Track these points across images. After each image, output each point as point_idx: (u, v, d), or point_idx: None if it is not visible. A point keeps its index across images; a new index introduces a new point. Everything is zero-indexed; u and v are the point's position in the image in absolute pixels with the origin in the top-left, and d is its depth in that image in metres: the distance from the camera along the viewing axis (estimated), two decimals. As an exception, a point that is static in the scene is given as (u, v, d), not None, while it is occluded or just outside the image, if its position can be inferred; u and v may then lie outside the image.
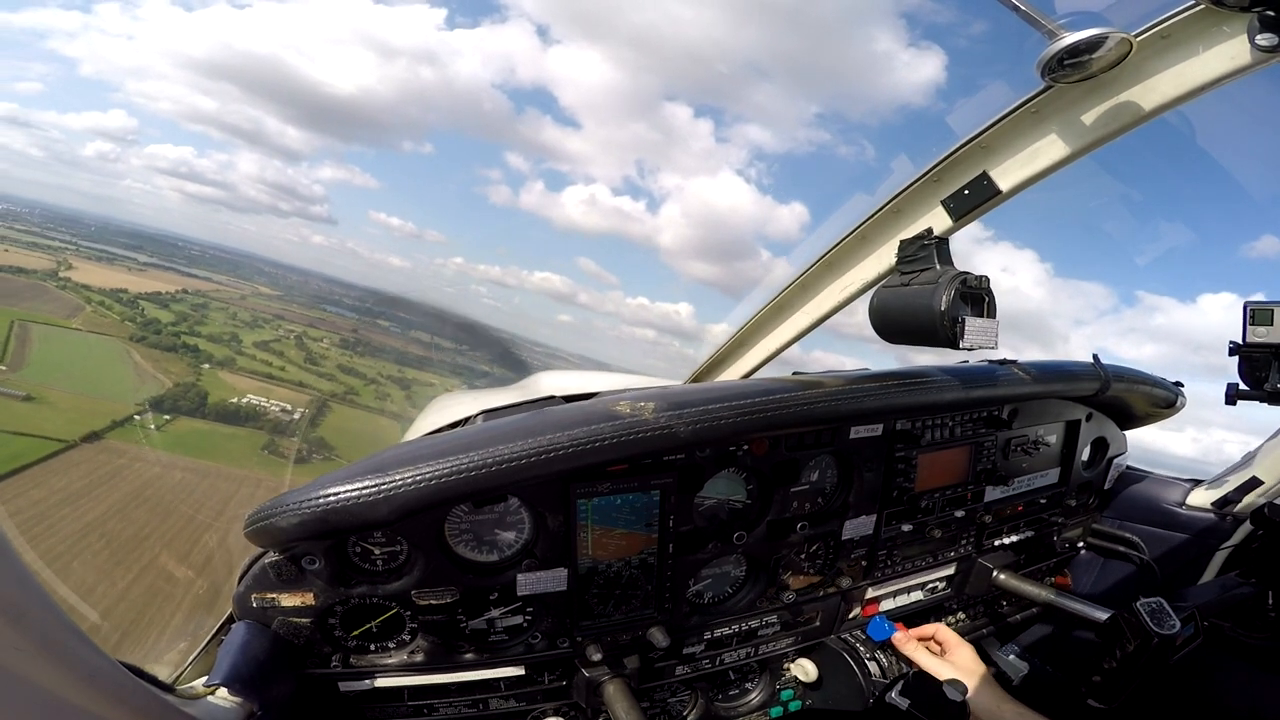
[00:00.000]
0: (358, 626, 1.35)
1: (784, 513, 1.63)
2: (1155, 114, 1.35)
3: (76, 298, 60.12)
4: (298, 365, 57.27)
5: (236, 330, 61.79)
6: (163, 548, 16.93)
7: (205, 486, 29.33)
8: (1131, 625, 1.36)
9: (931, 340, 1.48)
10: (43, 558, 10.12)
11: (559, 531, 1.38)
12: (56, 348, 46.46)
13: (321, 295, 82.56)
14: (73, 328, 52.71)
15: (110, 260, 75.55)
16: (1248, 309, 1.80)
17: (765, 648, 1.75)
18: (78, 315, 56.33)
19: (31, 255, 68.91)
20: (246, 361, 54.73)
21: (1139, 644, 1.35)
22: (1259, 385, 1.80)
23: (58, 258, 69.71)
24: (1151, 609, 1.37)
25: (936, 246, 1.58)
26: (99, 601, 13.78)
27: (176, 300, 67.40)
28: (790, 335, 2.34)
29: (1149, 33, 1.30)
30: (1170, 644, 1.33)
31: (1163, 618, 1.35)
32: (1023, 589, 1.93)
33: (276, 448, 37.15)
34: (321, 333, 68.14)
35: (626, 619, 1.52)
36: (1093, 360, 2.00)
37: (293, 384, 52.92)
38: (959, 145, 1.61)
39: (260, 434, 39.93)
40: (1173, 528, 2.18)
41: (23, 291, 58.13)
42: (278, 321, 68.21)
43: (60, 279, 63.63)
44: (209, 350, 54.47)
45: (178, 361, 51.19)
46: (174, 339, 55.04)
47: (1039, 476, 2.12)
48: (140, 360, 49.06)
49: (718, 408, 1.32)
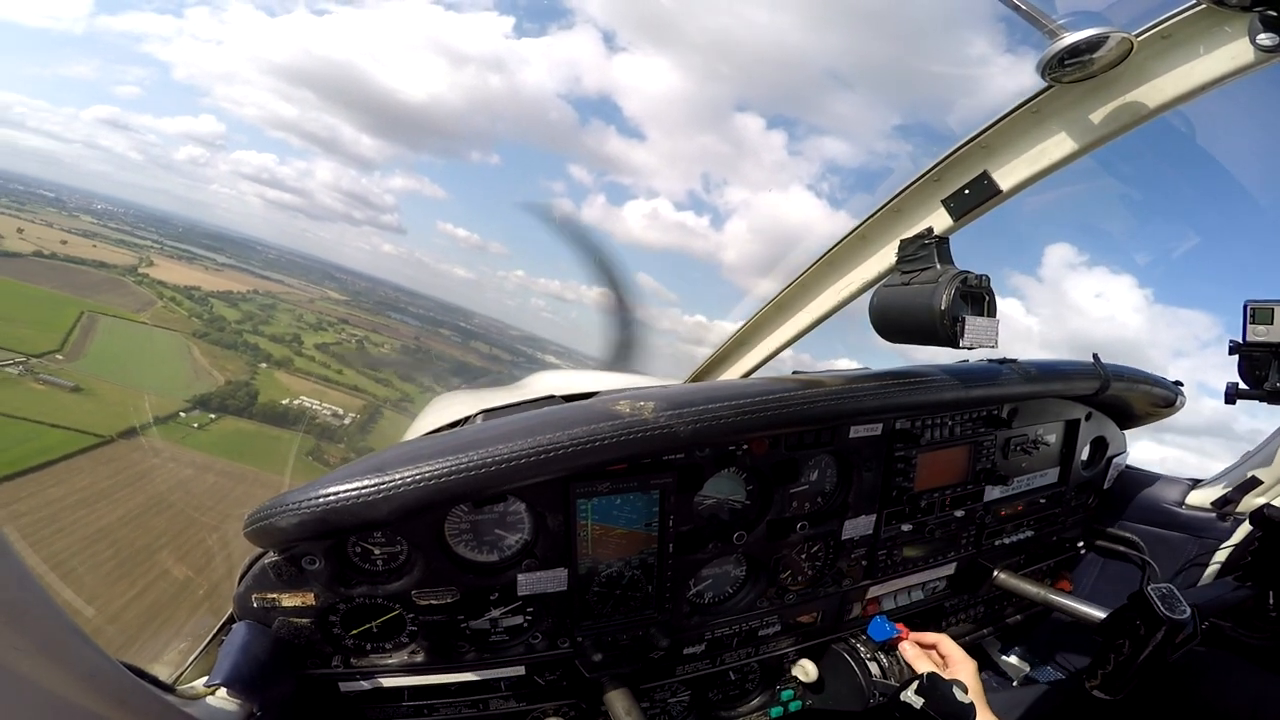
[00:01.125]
0: (358, 627, 1.35)
1: (784, 512, 1.63)
2: (1156, 113, 1.35)
3: (150, 292, 60.95)
4: (356, 369, 57.62)
5: (300, 331, 62.36)
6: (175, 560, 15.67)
7: (239, 493, 28.49)
8: (1143, 611, 1.36)
9: (931, 339, 1.48)
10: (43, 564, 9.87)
11: (559, 531, 1.38)
12: (118, 340, 46.59)
13: (387, 302, 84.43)
14: (140, 321, 53.22)
15: (190, 259, 76.98)
16: (1247, 308, 1.80)
17: (765, 648, 1.75)
18: (148, 309, 56.97)
19: (118, 251, 70.09)
20: (304, 363, 54.96)
21: (1150, 629, 1.34)
22: (1259, 384, 1.80)
23: (141, 255, 71.10)
24: (1162, 594, 1.36)
25: (937, 246, 1.58)
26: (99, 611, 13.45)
27: (246, 300, 68.09)
28: (790, 335, 2.34)
29: (1150, 32, 1.29)
30: (1181, 629, 1.33)
31: (1174, 603, 1.35)
32: (1022, 589, 1.93)
33: (321, 453, 36.56)
34: (384, 338, 68.87)
35: (627, 619, 1.52)
36: (1092, 359, 2.00)
37: (348, 388, 53.04)
38: (959, 145, 1.61)
39: (307, 438, 39.48)
40: (1172, 527, 2.18)
41: (101, 285, 58.82)
42: (341, 325, 69.00)
43: (139, 275, 64.72)
44: (269, 349, 54.66)
45: (236, 359, 51.24)
46: (236, 337, 55.30)
47: (1038, 476, 2.12)
48: (199, 356, 49.07)
49: (717, 407, 1.32)
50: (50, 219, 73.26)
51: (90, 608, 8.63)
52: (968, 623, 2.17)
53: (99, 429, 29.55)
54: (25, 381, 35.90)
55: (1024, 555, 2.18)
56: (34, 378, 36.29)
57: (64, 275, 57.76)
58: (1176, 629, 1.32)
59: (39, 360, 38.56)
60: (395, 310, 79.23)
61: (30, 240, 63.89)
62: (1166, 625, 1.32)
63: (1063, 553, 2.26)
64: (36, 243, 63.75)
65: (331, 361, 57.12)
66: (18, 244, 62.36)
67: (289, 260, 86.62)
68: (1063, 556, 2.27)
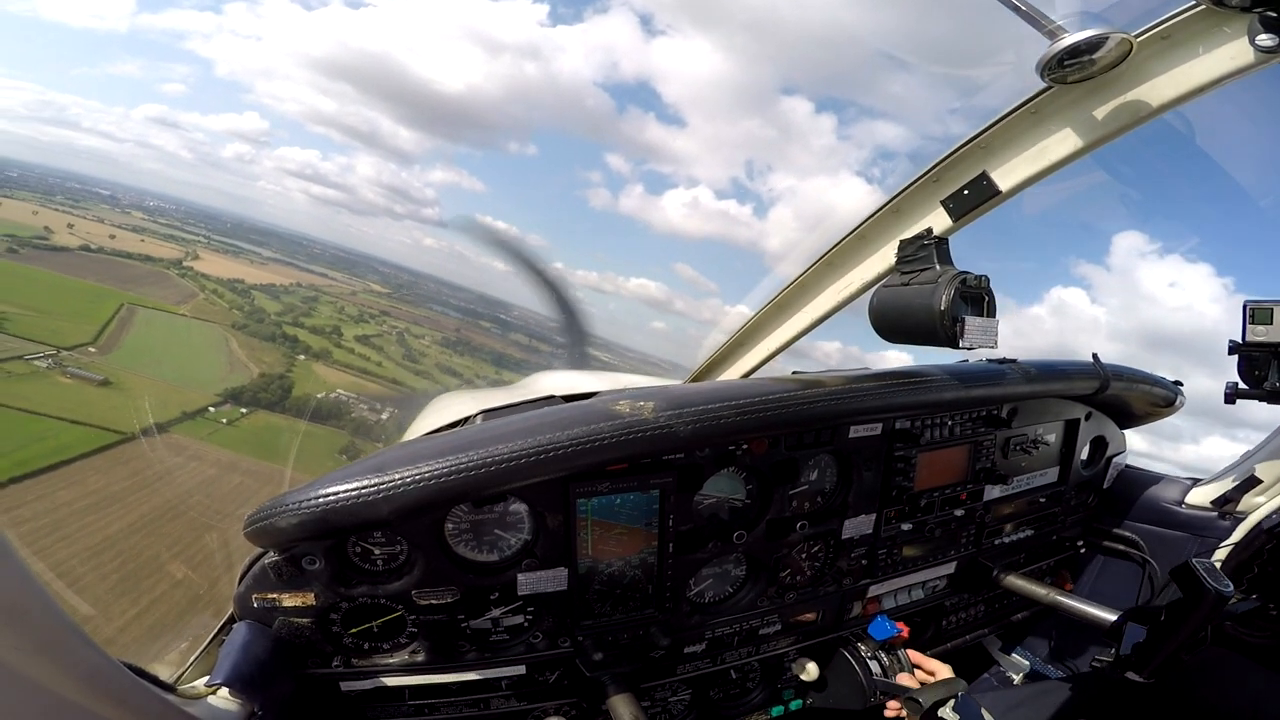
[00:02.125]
0: (358, 626, 1.35)
1: (784, 512, 1.63)
2: (1156, 114, 1.35)
3: (193, 285, 60.74)
4: (395, 361, 56.95)
5: (340, 323, 61.89)
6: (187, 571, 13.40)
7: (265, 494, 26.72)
8: (1188, 583, 1.35)
9: (931, 340, 1.48)
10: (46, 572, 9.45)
11: (559, 531, 1.38)
12: (155, 332, 46.05)
13: (429, 295, 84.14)
14: (179, 313, 52.76)
15: (236, 253, 77.05)
16: (1247, 308, 1.80)
17: (766, 647, 1.75)
18: (189, 301, 56.61)
19: (165, 245, 70.19)
20: (344, 355, 54.36)
21: (1193, 602, 1.33)
22: (1258, 384, 1.81)
23: (188, 249, 71.21)
24: (1207, 568, 1.35)
25: (936, 246, 1.58)
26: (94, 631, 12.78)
27: (288, 292, 67.84)
28: (790, 335, 2.34)
29: (1149, 33, 1.29)
30: (1225, 602, 1.31)
31: (1219, 576, 1.34)
32: (1022, 587, 1.93)
33: (356, 451, 34.95)
34: (424, 330, 68.19)
35: (627, 618, 1.52)
36: (1092, 359, 2.00)
37: (387, 380, 52.25)
38: (959, 145, 1.61)
39: (341, 435, 36.59)
40: (1172, 526, 2.18)
41: (145, 278, 58.66)
42: (383, 317, 68.51)
43: (184, 268, 64.67)
44: (308, 341, 54.17)
45: (274, 351, 50.67)
46: (275, 329, 54.82)
47: (1038, 475, 2.12)
48: (236, 348, 48.35)
49: (717, 407, 1.32)
50: (102, 215, 73.69)
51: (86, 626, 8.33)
52: (968, 622, 2.17)
53: (122, 425, 28.20)
54: (52, 375, 35.20)
55: (1024, 554, 2.18)
56: (61, 371, 35.58)
57: (108, 268, 57.77)
58: (1223, 600, 1.31)
59: (70, 353, 37.95)
60: (437, 303, 78.94)
61: (79, 235, 64.05)
62: (1214, 597, 1.31)
63: (1063, 552, 2.26)
64: (85, 237, 63.86)
65: (371, 353, 56.49)
66: (66, 239, 62.46)
67: (333, 254, 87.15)
68: (1063, 555, 2.28)
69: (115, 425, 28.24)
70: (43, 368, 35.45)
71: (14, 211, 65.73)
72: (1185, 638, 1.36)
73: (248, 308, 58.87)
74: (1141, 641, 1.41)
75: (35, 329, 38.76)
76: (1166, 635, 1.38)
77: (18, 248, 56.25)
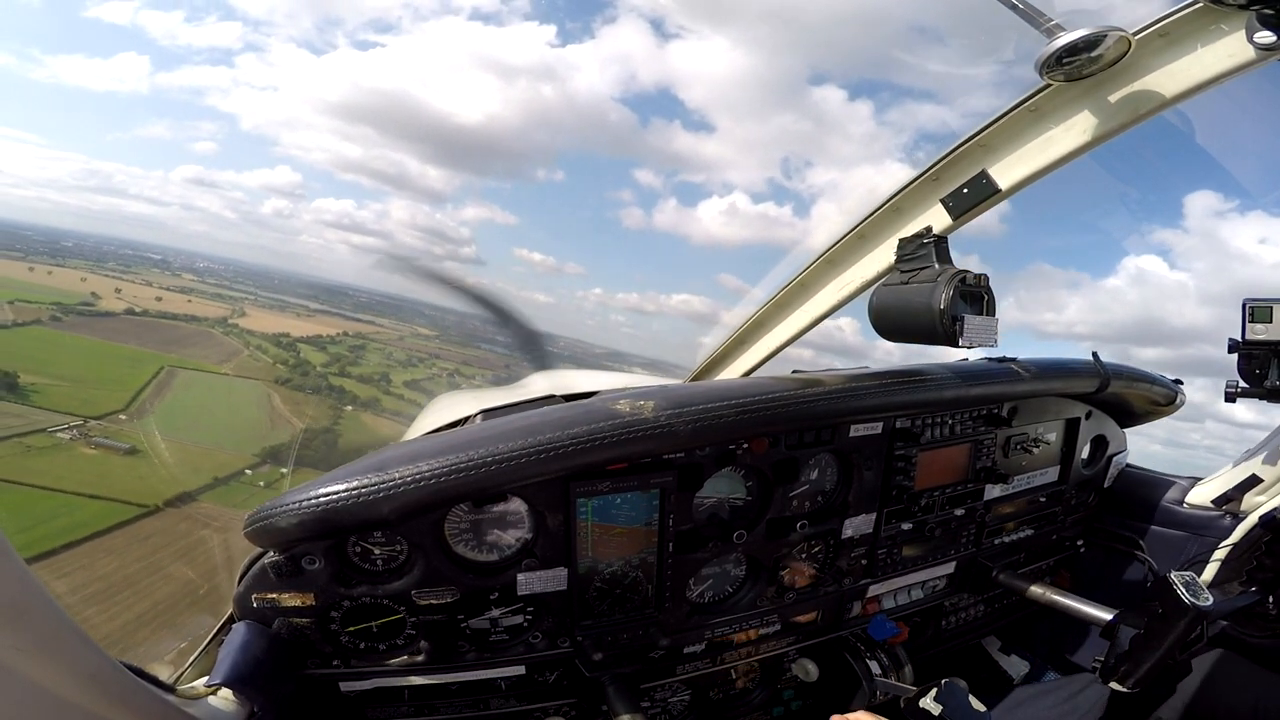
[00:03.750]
0: (358, 626, 1.35)
1: (784, 511, 1.63)
2: (1154, 112, 1.35)
3: (238, 342, 59.90)
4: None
5: (389, 369, 61.49)
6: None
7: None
8: (1165, 597, 1.34)
9: (931, 338, 1.48)
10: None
11: (559, 531, 1.38)
12: (193, 394, 44.45)
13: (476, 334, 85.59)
14: (220, 372, 51.58)
15: (282, 308, 76.70)
16: (1246, 306, 1.80)
17: (766, 647, 1.75)
18: (232, 359, 55.71)
19: (211, 305, 69.86)
20: (392, 402, 53.20)
21: (1172, 617, 1.33)
22: (1258, 383, 1.81)
23: (235, 306, 70.72)
24: (1186, 581, 1.35)
25: (935, 245, 1.58)
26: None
27: (335, 343, 67.39)
28: (790, 334, 2.35)
29: (1147, 31, 1.30)
30: (1205, 616, 1.31)
31: (1198, 590, 1.33)
32: (1022, 587, 1.93)
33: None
34: (474, 370, 69.12)
35: (627, 618, 1.51)
36: (1092, 358, 2.00)
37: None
38: (958, 144, 1.62)
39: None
40: (1173, 526, 2.18)
41: (189, 338, 58.20)
42: (432, 360, 68.04)
43: (229, 325, 64.01)
44: (355, 391, 53.63)
45: (319, 404, 49.71)
46: (320, 380, 53.79)
47: (1039, 474, 2.12)
48: (278, 404, 46.65)
49: (717, 406, 1.32)
50: (151, 278, 73.68)
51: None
52: (967, 622, 2.17)
53: (145, 497, 25.44)
54: (75, 446, 33.01)
55: (1024, 554, 2.18)
56: (86, 441, 33.45)
57: (152, 331, 57.23)
58: (1201, 616, 1.31)
59: (99, 422, 35.91)
60: (484, 341, 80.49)
61: (125, 299, 63.97)
62: (1191, 613, 1.30)
63: (1063, 551, 2.26)
64: (131, 301, 63.72)
65: (421, 398, 56.43)
66: (113, 303, 62.24)
67: (378, 301, 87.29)
68: (1063, 555, 2.27)
69: (137, 497, 25.61)
70: (66, 439, 33.52)
71: (64, 280, 65.38)
72: (1164, 652, 1.36)
73: (292, 361, 57.94)
74: (1125, 651, 1.41)
75: (65, 399, 37.49)
76: (1147, 647, 1.37)
77: (62, 315, 55.66)
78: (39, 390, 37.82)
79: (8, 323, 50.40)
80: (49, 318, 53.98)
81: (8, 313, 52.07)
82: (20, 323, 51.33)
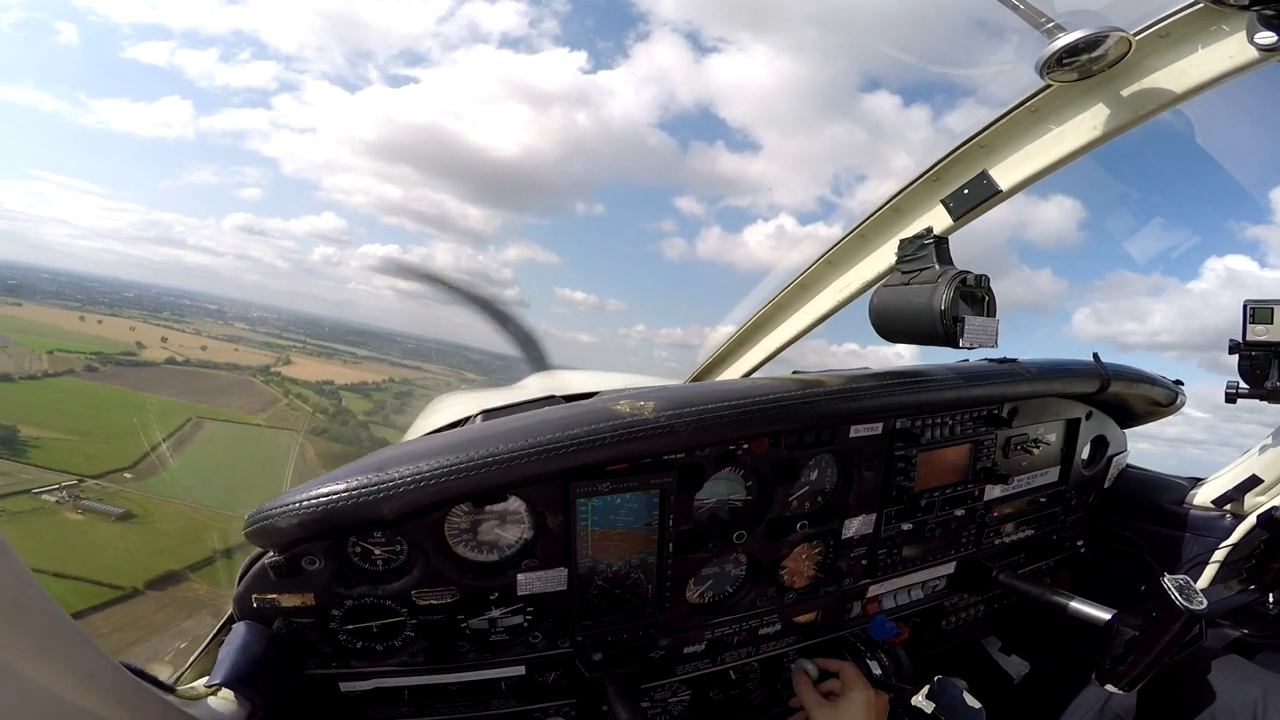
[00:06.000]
0: (358, 627, 1.35)
1: (784, 512, 1.63)
2: (1155, 112, 1.35)
3: (277, 391, 59.03)
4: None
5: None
6: None
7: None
8: (1158, 601, 1.35)
9: (931, 339, 1.48)
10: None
11: (559, 531, 1.38)
12: (214, 448, 41.65)
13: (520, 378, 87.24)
14: (252, 423, 49.97)
15: (330, 355, 76.61)
16: (1247, 307, 1.81)
17: (766, 647, 1.75)
18: (268, 409, 54.28)
19: (259, 353, 69.55)
20: None
21: (1165, 621, 1.33)
22: (1259, 384, 1.81)
23: (280, 355, 70.46)
24: (1179, 585, 1.35)
25: (936, 245, 1.58)
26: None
27: (380, 389, 66.31)
28: (790, 334, 2.35)
29: (1148, 31, 1.30)
30: (1197, 620, 1.31)
31: (1191, 594, 1.34)
32: (1023, 588, 1.93)
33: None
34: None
35: (627, 619, 1.52)
36: (1092, 358, 2.00)
37: None
38: (959, 144, 1.62)
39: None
40: (1173, 526, 2.18)
41: (226, 388, 57.34)
42: None
43: (270, 373, 63.40)
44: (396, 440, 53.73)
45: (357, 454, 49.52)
46: (360, 430, 51.77)
47: (1039, 475, 2.12)
48: (311, 456, 43.82)
49: (718, 407, 1.32)
50: (202, 327, 73.65)
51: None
52: (967, 622, 2.17)
53: (126, 575, 20.78)
54: (60, 511, 29.31)
55: (1024, 554, 2.18)
56: (74, 505, 29.88)
57: (188, 380, 56.32)
58: (1194, 620, 1.31)
59: (97, 482, 32.68)
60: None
61: (170, 348, 63.74)
62: (1184, 616, 1.31)
63: (1063, 552, 2.26)
64: (175, 350, 63.47)
65: None
66: (156, 353, 61.98)
67: (426, 347, 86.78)
68: (1063, 556, 2.27)
69: (113, 576, 20.88)
70: (51, 502, 29.92)
71: (113, 329, 65.11)
72: (1157, 655, 1.36)
73: (333, 409, 56.97)
74: (1120, 654, 1.41)
75: (67, 456, 34.34)
76: (1141, 650, 1.38)
77: (99, 365, 54.85)
78: (40, 445, 35.32)
79: (37, 374, 49.09)
80: (84, 368, 53.39)
81: (41, 363, 50.93)
82: (52, 373, 50.39)
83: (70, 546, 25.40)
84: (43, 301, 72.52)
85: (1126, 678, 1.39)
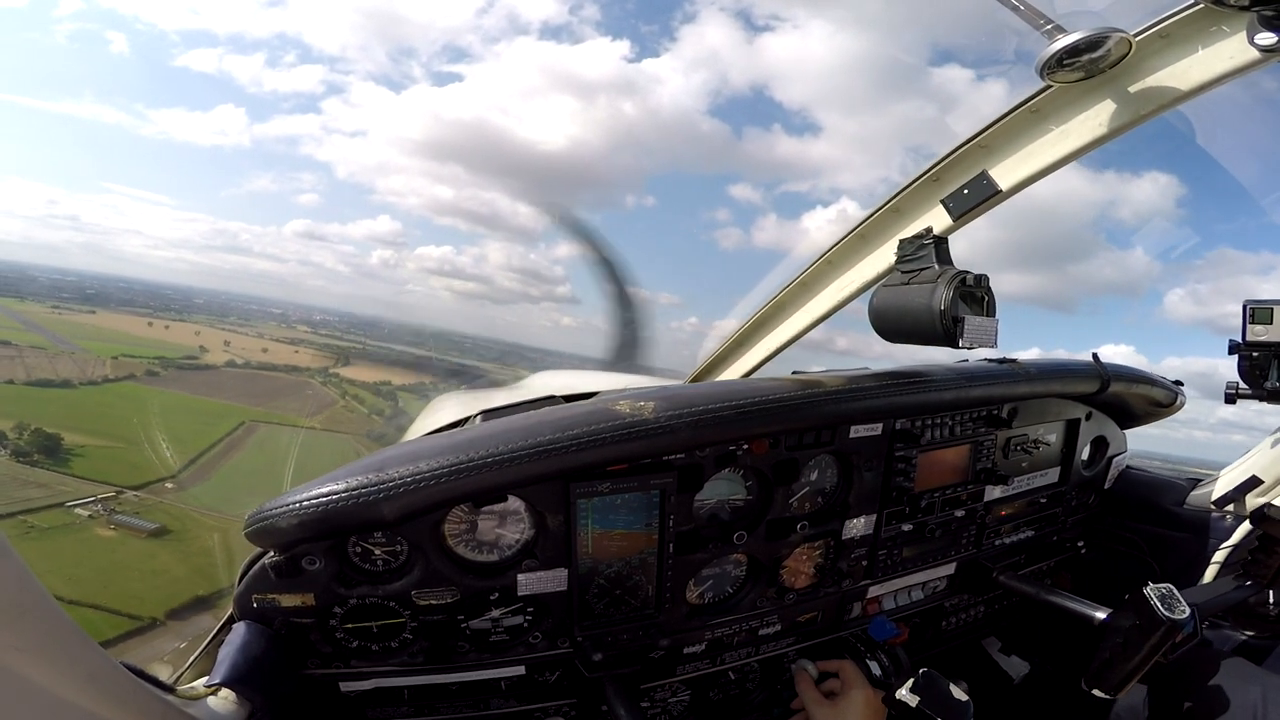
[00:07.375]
0: (358, 626, 1.35)
1: (784, 512, 1.63)
2: (1155, 113, 1.35)
3: (334, 392, 58.89)
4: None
5: None
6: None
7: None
8: (1141, 610, 1.36)
9: (931, 339, 1.48)
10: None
11: (559, 532, 1.38)
12: (264, 454, 39.59)
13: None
14: (307, 426, 48.79)
15: (388, 356, 76.01)
16: (1247, 308, 1.81)
17: (766, 648, 1.75)
18: (324, 411, 53.81)
19: (318, 355, 69.71)
20: None
21: (1148, 629, 1.34)
22: (1258, 384, 1.81)
23: (340, 356, 70.52)
24: (1161, 594, 1.36)
25: (935, 246, 1.58)
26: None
27: (436, 389, 66.80)
28: (790, 334, 2.35)
29: (1148, 32, 1.30)
30: (1179, 629, 1.32)
31: (1173, 603, 1.35)
32: (1023, 589, 1.93)
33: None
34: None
35: (627, 619, 1.52)
36: (1092, 359, 2.00)
37: None
38: (959, 145, 1.62)
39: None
40: (1173, 527, 2.18)
41: (284, 390, 57.05)
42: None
43: (329, 375, 63.25)
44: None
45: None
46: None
47: (1039, 476, 2.12)
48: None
49: (718, 407, 1.32)
50: (266, 330, 73.71)
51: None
52: (968, 623, 2.17)
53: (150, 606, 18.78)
54: (91, 527, 27.36)
55: (1024, 555, 2.18)
56: (107, 520, 27.91)
57: (247, 383, 55.79)
58: (1175, 629, 1.32)
59: (136, 493, 30.66)
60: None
61: (231, 351, 63.49)
62: (1165, 625, 1.32)
63: (1063, 553, 2.26)
64: (236, 353, 63.22)
65: None
66: (217, 356, 61.68)
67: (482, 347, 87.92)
68: (1063, 556, 2.27)
69: (135, 606, 19.08)
70: (84, 517, 28.00)
71: (179, 334, 65.25)
72: (1139, 662, 1.37)
73: (389, 411, 55.41)
74: (1106, 658, 1.42)
75: (110, 465, 32.58)
76: (1125, 657, 1.38)
77: (161, 369, 54.57)
78: (83, 454, 33.70)
79: (98, 379, 48.30)
80: (144, 372, 53.05)
81: (104, 368, 50.07)
82: (113, 378, 49.78)
83: (102, 568, 23.49)
84: (115, 309, 72.77)
85: (1110, 682, 1.40)
